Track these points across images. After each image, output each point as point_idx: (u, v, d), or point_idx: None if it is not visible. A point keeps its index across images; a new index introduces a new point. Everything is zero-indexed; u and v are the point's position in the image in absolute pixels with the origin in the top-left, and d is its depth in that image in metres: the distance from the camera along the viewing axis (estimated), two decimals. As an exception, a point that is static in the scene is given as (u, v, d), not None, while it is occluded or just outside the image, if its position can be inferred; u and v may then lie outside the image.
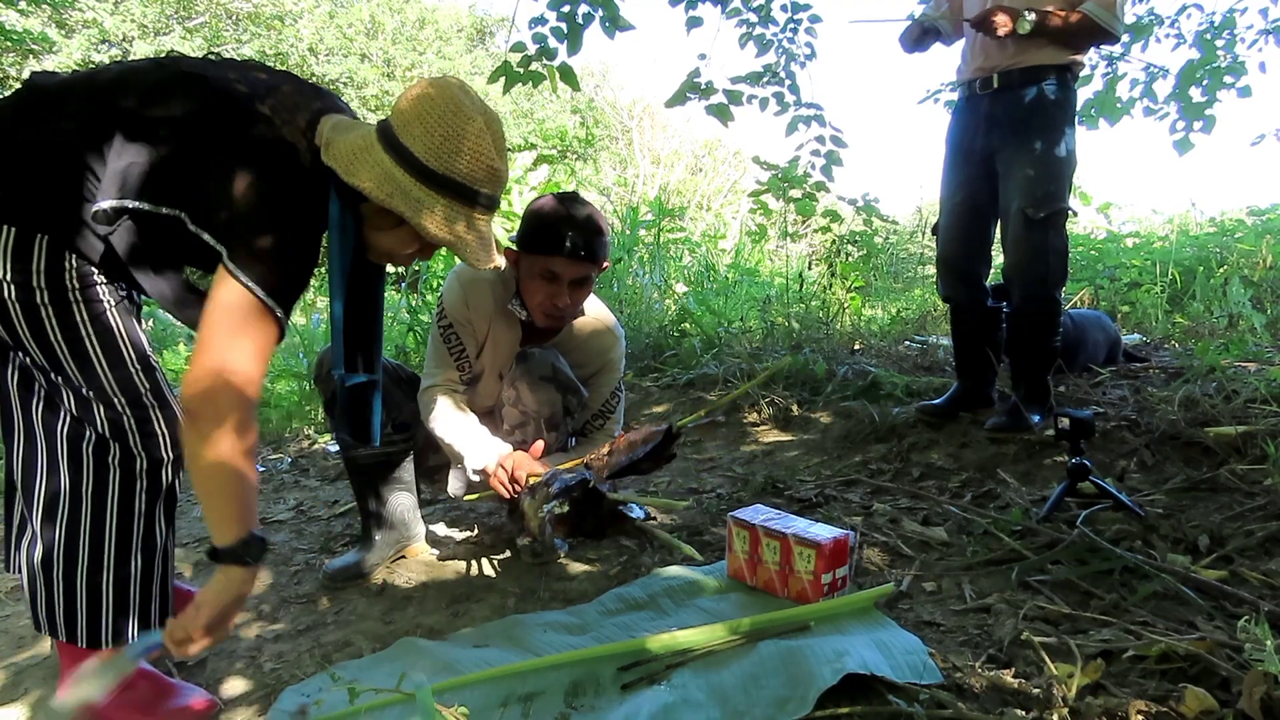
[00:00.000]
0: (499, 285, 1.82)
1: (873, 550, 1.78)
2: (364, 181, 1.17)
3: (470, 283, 1.81)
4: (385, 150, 1.19)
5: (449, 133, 1.19)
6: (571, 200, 1.72)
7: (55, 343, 1.16)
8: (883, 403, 2.84)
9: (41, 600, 1.23)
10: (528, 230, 1.70)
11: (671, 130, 18.90)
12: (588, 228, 1.68)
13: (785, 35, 3.69)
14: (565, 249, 1.65)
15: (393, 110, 1.23)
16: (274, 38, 15.09)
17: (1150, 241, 5.61)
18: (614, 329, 1.92)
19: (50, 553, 1.22)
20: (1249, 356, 2.83)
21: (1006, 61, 2.29)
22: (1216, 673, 1.11)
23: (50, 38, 11.06)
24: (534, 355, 1.79)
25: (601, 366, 1.91)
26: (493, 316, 1.83)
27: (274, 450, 3.32)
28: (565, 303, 1.71)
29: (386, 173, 1.17)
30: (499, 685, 1.30)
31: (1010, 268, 2.33)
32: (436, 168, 1.19)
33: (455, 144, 1.19)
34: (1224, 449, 2.02)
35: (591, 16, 3.16)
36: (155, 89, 1.16)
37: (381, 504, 1.88)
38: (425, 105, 1.19)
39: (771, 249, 7.05)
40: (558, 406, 1.79)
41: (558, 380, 1.78)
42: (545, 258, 1.67)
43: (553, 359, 1.79)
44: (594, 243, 1.69)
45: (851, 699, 1.14)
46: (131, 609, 1.26)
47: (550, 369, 1.78)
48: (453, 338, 1.83)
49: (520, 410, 1.80)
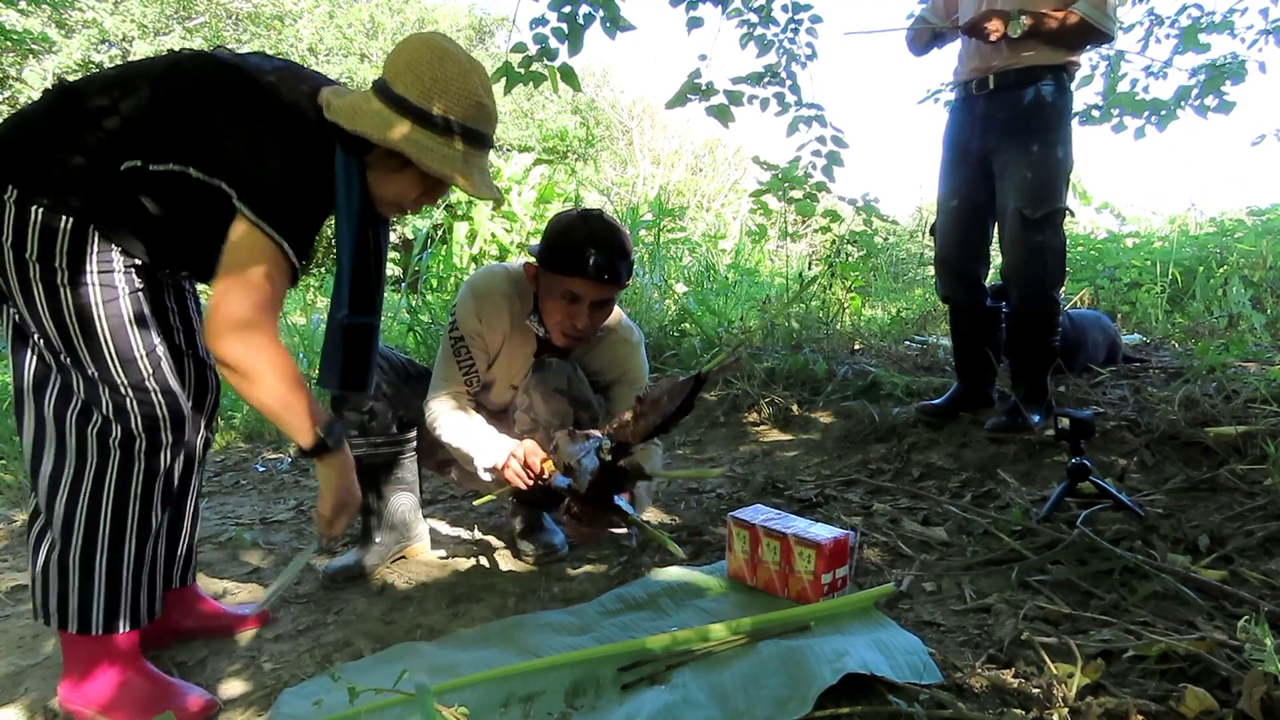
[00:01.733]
0: (515, 299, 1.78)
1: (873, 550, 1.78)
2: (365, 127, 1.26)
3: (485, 296, 1.77)
4: (382, 101, 1.28)
5: (437, 75, 1.28)
6: (596, 219, 1.67)
7: (70, 324, 1.21)
8: (883, 403, 2.84)
9: (38, 586, 1.27)
10: (549, 248, 1.67)
11: (672, 130, 18.91)
12: (613, 248, 1.63)
13: (786, 35, 3.69)
14: (589, 270, 1.61)
15: (384, 67, 1.33)
16: (274, 38, 15.09)
17: (1150, 241, 5.61)
18: (633, 339, 1.89)
19: (47, 536, 1.27)
20: (1249, 356, 2.83)
21: (1002, 62, 2.29)
22: (1216, 673, 1.11)
23: (50, 38, 11.05)
24: (551, 365, 1.78)
25: (620, 375, 1.89)
26: (508, 331, 1.80)
27: (274, 450, 3.32)
28: (585, 324, 1.68)
29: (385, 119, 1.27)
30: (499, 686, 1.29)
31: (1008, 268, 2.33)
32: (429, 108, 1.28)
33: (443, 85, 1.28)
34: (1224, 449, 2.02)
35: (592, 17, 3.16)
36: (170, 68, 1.26)
37: (383, 504, 1.88)
38: (412, 55, 1.29)
39: (771, 249, 7.05)
40: (568, 420, 1.78)
41: (571, 394, 1.77)
42: (567, 278, 1.64)
43: (569, 371, 1.78)
44: (619, 265, 1.65)
45: (851, 699, 1.14)
46: (123, 596, 1.29)
47: (565, 382, 1.76)
48: (463, 351, 1.79)
49: (531, 418, 1.79)
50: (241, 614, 1.62)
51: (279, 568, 1.97)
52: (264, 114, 1.23)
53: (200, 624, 1.57)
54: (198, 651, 1.53)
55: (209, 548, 2.10)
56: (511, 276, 1.80)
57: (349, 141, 1.29)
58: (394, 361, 1.88)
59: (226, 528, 2.26)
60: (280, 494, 2.67)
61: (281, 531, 2.24)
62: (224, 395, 1.59)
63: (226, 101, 1.22)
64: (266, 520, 2.34)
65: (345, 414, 1.81)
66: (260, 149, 1.21)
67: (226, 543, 2.14)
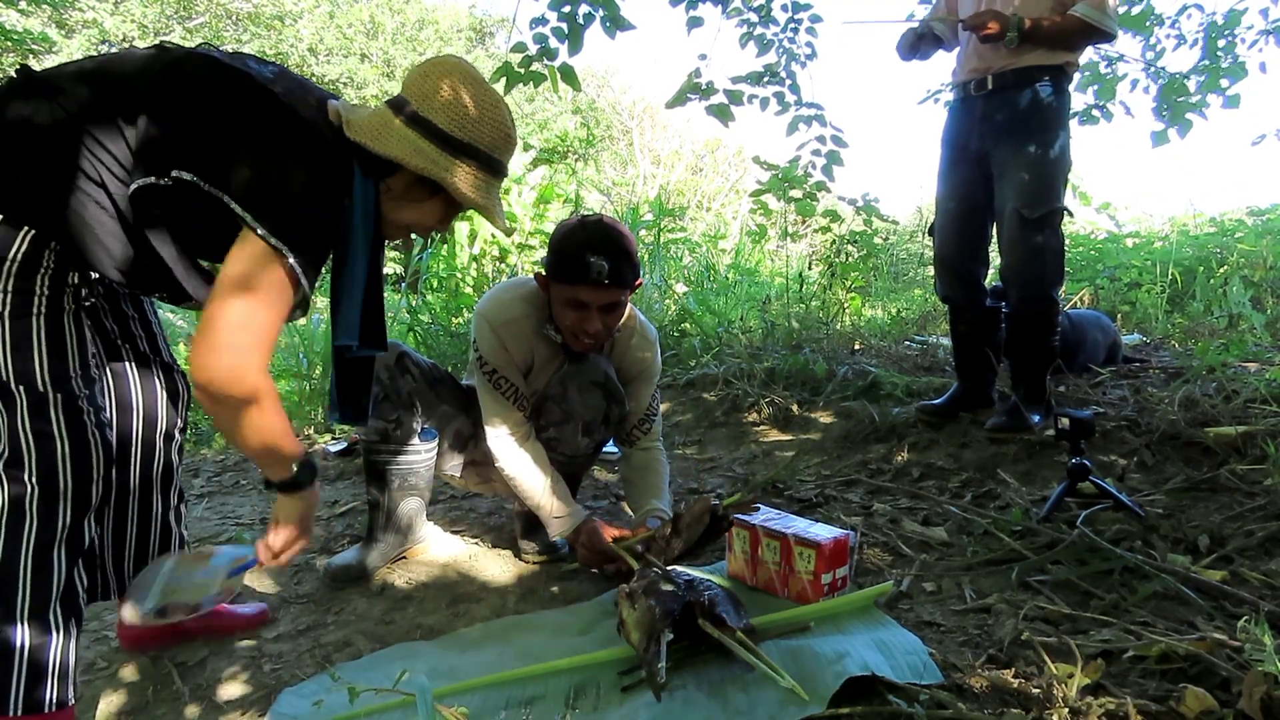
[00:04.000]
0: (532, 313, 1.78)
1: (873, 550, 1.78)
2: (395, 150, 1.21)
3: (503, 324, 1.76)
4: (406, 125, 1.23)
5: (471, 103, 1.25)
6: (594, 224, 1.66)
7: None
8: (883, 403, 2.84)
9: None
10: (552, 258, 1.67)
11: (672, 130, 18.93)
12: (613, 252, 1.62)
13: (786, 35, 3.69)
14: (590, 276, 1.61)
15: (405, 88, 1.27)
16: (274, 38, 15.11)
17: (1150, 241, 5.61)
18: (649, 336, 1.91)
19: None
20: (1249, 356, 2.83)
21: (1001, 63, 2.29)
22: (1216, 673, 1.11)
23: (50, 38, 11.04)
24: (589, 358, 1.78)
25: (640, 373, 1.90)
26: (533, 343, 1.80)
27: (274, 450, 3.31)
28: (597, 328, 1.68)
29: (413, 144, 1.22)
30: (499, 690, 1.30)
31: (1007, 268, 2.33)
32: (461, 137, 1.24)
33: (478, 113, 1.26)
34: (1224, 449, 2.02)
35: (592, 16, 3.16)
36: (170, 67, 1.16)
37: (393, 505, 1.87)
38: (443, 80, 1.25)
39: (771, 249, 7.05)
40: (600, 414, 1.80)
41: (607, 388, 1.79)
42: (571, 286, 1.64)
43: (606, 366, 1.80)
44: (621, 267, 1.64)
45: (851, 699, 1.14)
46: (13, 682, 1.10)
47: (603, 375, 1.78)
48: (502, 383, 1.78)
49: (564, 410, 1.79)
50: (244, 614, 1.62)
51: (279, 568, 1.96)
52: (284, 130, 1.15)
53: (200, 624, 1.56)
54: (198, 651, 1.53)
55: (209, 548, 2.10)
56: (523, 294, 1.79)
57: (368, 163, 1.23)
58: (422, 365, 1.85)
59: (226, 528, 2.26)
60: (280, 494, 2.67)
61: (281, 531, 2.24)
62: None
63: (244, 113, 1.14)
64: (266, 520, 2.34)
65: (371, 421, 1.78)
66: (282, 167, 1.13)
67: (226, 543, 2.14)
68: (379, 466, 1.84)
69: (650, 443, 1.93)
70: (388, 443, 1.82)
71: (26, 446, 1.12)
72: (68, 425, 1.15)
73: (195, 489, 2.78)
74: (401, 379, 1.79)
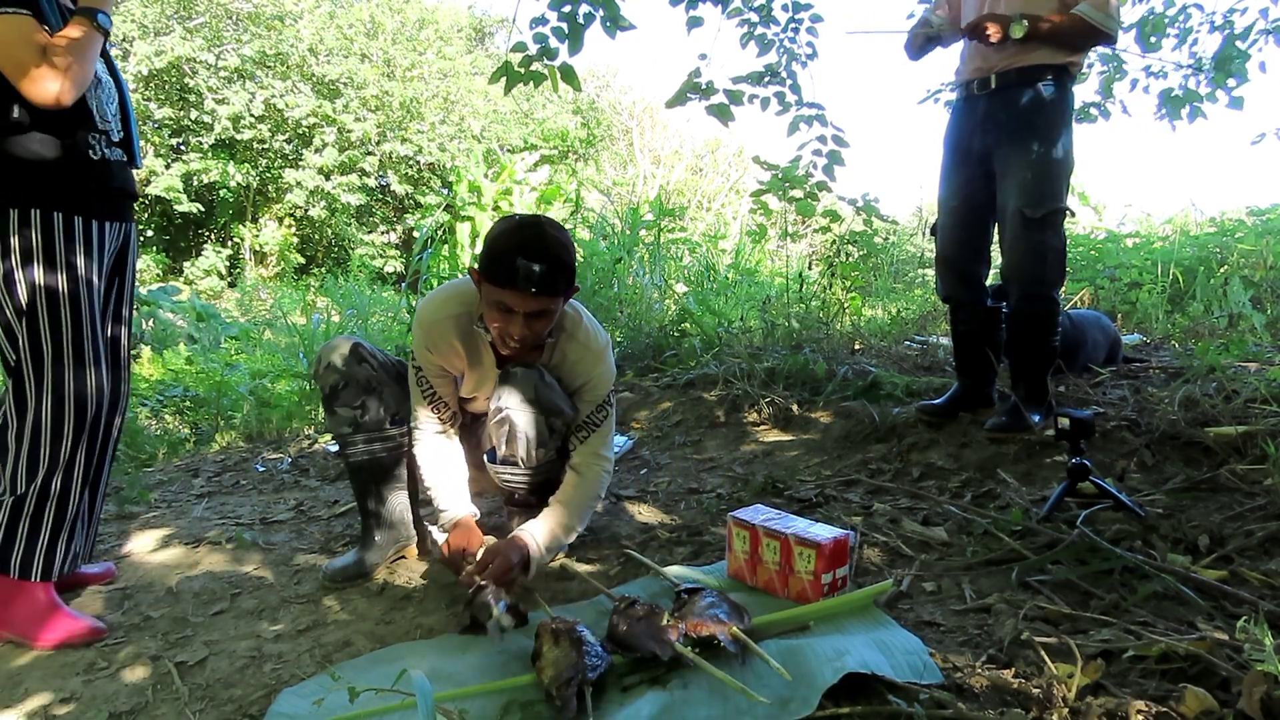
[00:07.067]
0: (464, 315, 1.76)
1: (873, 550, 1.78)
2: None
3: (430, 324, 1.76)
4: None
5: None
6: (531, 226, 1.61)
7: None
8: (883, 403, 2.84)
9: None
10: (483, 257, 1.62)
11: (672, 130, 18.94)
12: (545, 258, 1.56)
13: (786, 35, 3.68)
14: (517, 282, 1.56)
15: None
16: (274, 38, 15.09)
17: (1150, 241, 5.61)
18: (594, 346, 1.81)
19: None
20: (1249, 356, 2.83)
21: (1004, 62, 2.29)
22: (1216, 673, 1.11)
23: (51, 38, 11.03)
24: (516, 375, 1.74)
25: (584, 384, 1.84)
26: (465, 347, 1.78)
27: (274, 450, 3.32)
28: (522, 334, 1.63)
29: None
30: (500, 694, 1.30)
31: (1008, 268, 2.33)
32: None
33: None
34: (1224, 449, 2.02)
35: (592, 16, 3.16)
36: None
37: (381, 503, 1.88)
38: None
39: (771, 249, 7.05)
40: (542, 427, 1.77)
41: (539, 403, 1.74)
42: (499, 289, 1.59)
43: (535, 379, 1.74)
44: (550, 276, 1.57)
45: (851, 699, 1.15)
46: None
47: (533, 390, 1.73)
48: (423, 381, 1.81)
49: (507, 429, 1.77)
50: (90, 572, 1.88)
51: (278, 568, 1.96)
52: None
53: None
54: (198, 652, 1.53)
55: (209, 548, 2.11)
56: (458, 291, 1.78)
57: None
58: (378, 356, 1.88)
59: (226, 528, 2.26)
60: (280, 494, 2.67)
61: (281, 532, 2.24)
62: (224, 398, 1.59)
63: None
64: (266, 520, 2.34)
65: (338, 410, 1.82)
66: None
67: (226, 543, 2.14)
68: (358, 462, 1.87)
69: (584, 455, 1.84)
70: (359, 431, 1.84)
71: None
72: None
73: (195, 489, 2.78)
74: (358, 366, 1.82)
